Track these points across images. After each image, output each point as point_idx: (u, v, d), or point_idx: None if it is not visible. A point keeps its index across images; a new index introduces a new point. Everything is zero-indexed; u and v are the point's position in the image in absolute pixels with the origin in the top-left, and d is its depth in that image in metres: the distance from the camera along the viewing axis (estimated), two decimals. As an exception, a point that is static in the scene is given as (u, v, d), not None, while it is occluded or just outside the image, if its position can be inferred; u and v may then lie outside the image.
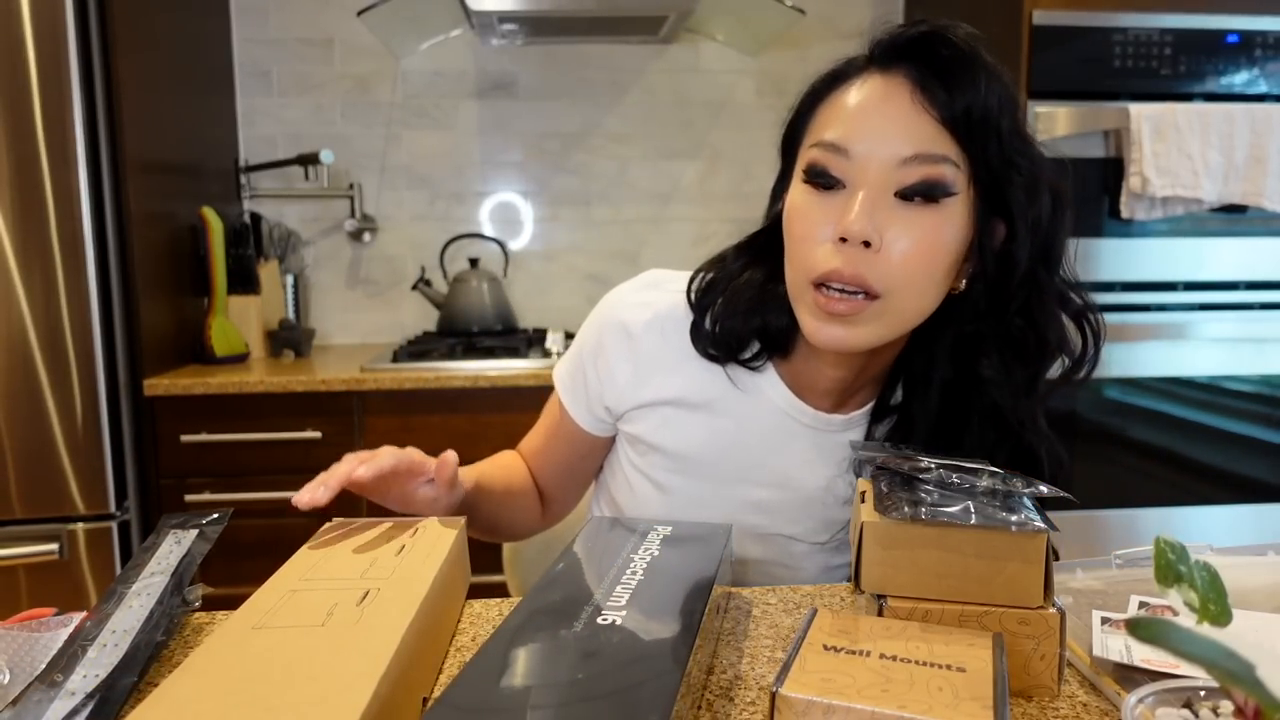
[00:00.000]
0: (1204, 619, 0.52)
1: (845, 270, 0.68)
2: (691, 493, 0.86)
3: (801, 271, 0.72)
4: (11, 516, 1.69)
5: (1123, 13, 1.90)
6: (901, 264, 0.68)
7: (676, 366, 0.84)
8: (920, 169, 0.67)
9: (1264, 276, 2.02)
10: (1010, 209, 0.71)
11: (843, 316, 0.69)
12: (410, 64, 2.40)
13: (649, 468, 0.88)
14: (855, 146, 0.69)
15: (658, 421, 0.85)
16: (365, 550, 0.66)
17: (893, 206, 0.68)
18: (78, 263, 1.66)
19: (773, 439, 0.84)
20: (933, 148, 0.67)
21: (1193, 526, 2.05)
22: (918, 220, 0.68)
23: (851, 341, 0.71)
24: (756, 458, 0.84)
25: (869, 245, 0.68)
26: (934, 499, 0.58)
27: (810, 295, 0.71)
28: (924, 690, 0.46)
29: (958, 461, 0.62)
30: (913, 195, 0.68)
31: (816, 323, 0.71)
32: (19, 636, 0.57)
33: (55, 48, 1.61)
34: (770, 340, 0.80)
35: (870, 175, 0.68)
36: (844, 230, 0.68)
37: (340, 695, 0.44)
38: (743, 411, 0.83)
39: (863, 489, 0.65)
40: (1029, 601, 0.55)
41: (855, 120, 0.69)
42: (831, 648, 0.51)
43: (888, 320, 0.71)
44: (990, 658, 0.50)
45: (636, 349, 0.84)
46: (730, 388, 0.83)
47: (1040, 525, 0.55)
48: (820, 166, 0.70)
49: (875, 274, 0.68)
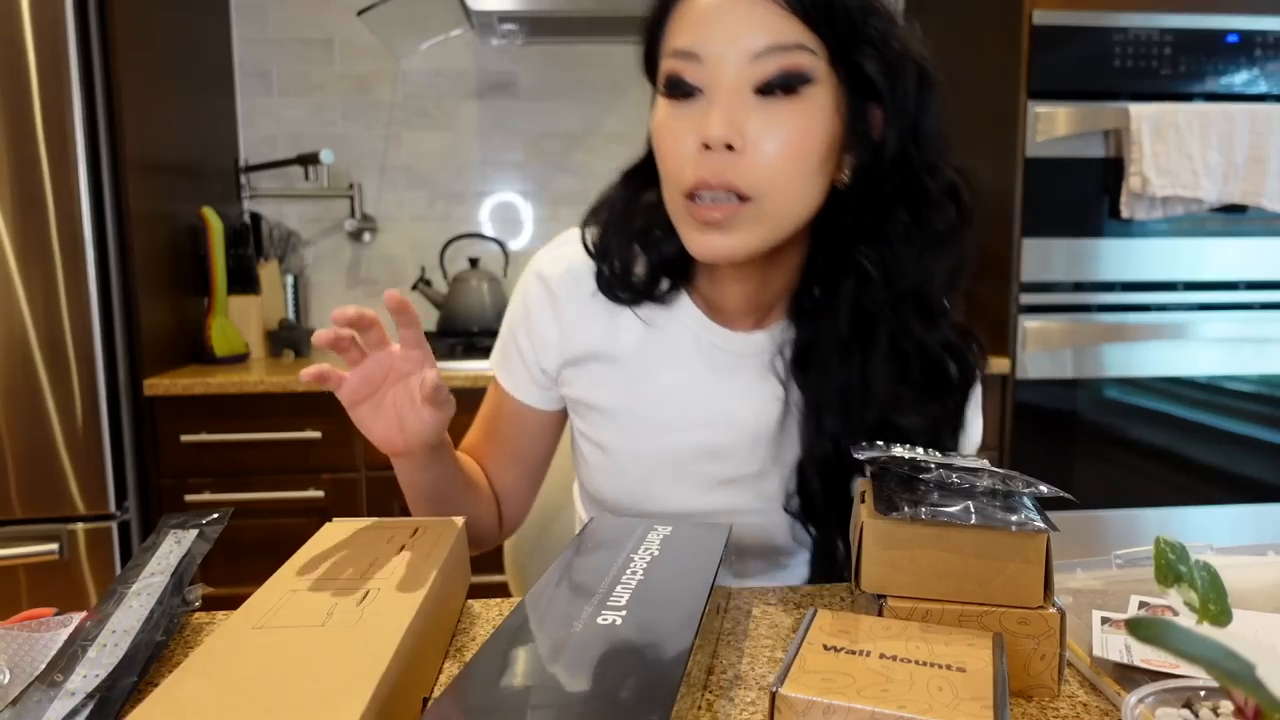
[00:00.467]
0: (1204, 619, 0.52)
1: (712, 178, 0.67)
2: (635, 449, 0.83)
3: (673, 187, 0.70)
4: (11, 516, 1.69)
5: (1123, 13, 1.90)
6: (769, 163, 0.67)
7: (596, 317, 0.82)
8: (775, 60, 0.66)
9: (1264, 276, 2.02)
10: (875, 89, 0.69)
11: (718, 225, 0.68)
12: (410, 64, 2.40)
13: (592, 430, 0.86)
14: (707, 49, 0.67)
15: (588, 380, 0.84)
16: (365, 550, 0.66)
17: (753, 104, 0.67)
18: (78, 263, 1.66)
19: (704, 375, 0.81)
20: (785, 37, 0.66)
21: (1193, 526, 2.05)
22: (780, 115, 0.67)
23: (731, 249, 0.69)
24: (694, 398, 0.81)
25: (732, 148, 0.66)
26: (934, 499, 0.58)
27: (685, 209, 0.70)
28: (924, 690, 0.46)
29: (957, 461, 0.62)
30: (772, 88, 0.66)
31: (694, 234, 0.70)
32: (19, 636, 0.57)
33: (55, 48, 1.61)
34: (669, 268, 0.79)
35: (726, 76, 0.67)
36: (704, 136, 0.66)
37: (340, 695, 0.44)
38: (668, 352, 0.81)
39: (863, 489, 0.64)
40: (1029, 601, 0.55)
41: (703, 23, 0.67)
42: (831, 648, 0.51)
43: (765, 223, 0.69)
44: (990, 658, 0.50)
45: (557, 304, 0.83)
46: (650, 330, 0.81)
47: (1040, 525, 0.55)
48: (675, 76, 0.69)
49: (743, 176, 0.67)
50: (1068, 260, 1.97)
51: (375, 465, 1.87)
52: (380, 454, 0.77)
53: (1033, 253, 1.97)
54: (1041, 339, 1.98)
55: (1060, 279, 1.98)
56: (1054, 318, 1.98)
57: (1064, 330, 1.99)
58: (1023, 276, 1.97)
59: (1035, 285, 1.98)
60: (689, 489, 0.84)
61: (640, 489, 0.84)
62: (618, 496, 0.86)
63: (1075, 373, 2.00)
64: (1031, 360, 1.98)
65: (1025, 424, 2.00)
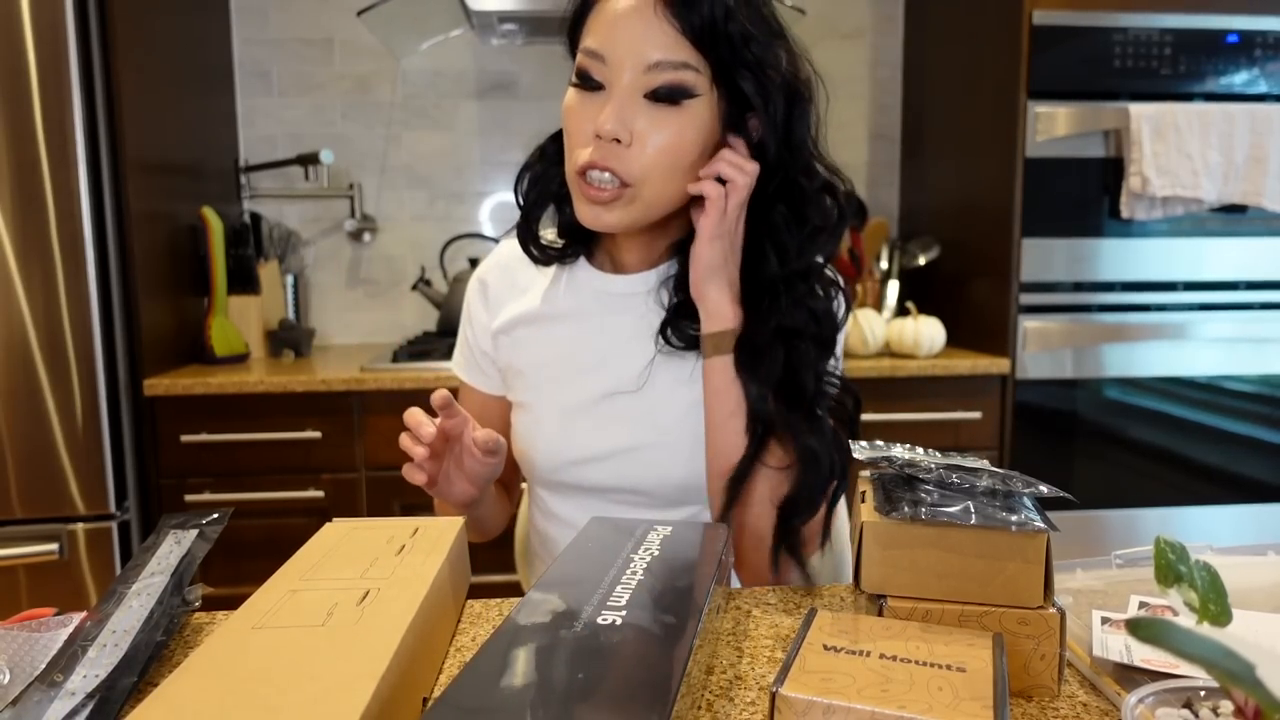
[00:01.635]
0: (1204, 619, 0.52)
1: (600, 162, 0.79)
2: (553, 399, 0.93)
3: (570, 163, 0.82)
4: (11, 516, 1.69)
5: (1123, 13, 1.90)
6: (650, 158, 0.79)
7: (519, 289, 0.96)
8: (664, 75, 0.78)
9: (1264, 276, 2.02)
10: (751, 104, 0.80)
11: (603, 202, 0.80)
12: (410, 64, 2.40)
13: (517, 394, 0.96)
14: (611, 53, 0.78)
15: (511, 345, 0.96)
16: (365, 550, 0.66)
17: (642, 107, 0.79)
18: (78, 263, 1.66)
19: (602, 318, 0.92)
20: (675, 55, 0.77)
21: (1192, 526, 2.05)
22: (664, 120, 0.79)
23: (611, 222, 0.81)
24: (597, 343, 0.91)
25: (619, 141, 0.78)
26: (934, 499, 0.58)
27: (577, 182, 0.81)
28: (924, 690, 0.46)
29: (958, 461, 0.62)
30: (659, 97, 0.78)
31: (584, 207, 0.82)
32: (19, 636, 0.58)
33: (55, 48, 1.61)
34: (574, 230, 0.90)
35: (623, 79, 0.78)
36: (598, 129, 0.78)
37: (340, 695, 0.44)
38: (573, 304, 0.93)
39: (863, 489, 0.65)
40: (1029, 602, 0.55)
41: (610, 30, 0.79)
42: (831, 648, 0.51)
43: (640, 205, 0.81)
44: (990, 658, 0.50)
45: (487, 291, 0.99)
46: (557, 289, 0.93)
47: (1040, 525, 0.55)
48: (584, 70, 0.80)
49: (625, 166, 0.79)
50: (1068, 260, 1.97)
51: (375, 465, 1.87)
52: (380, 454, 0.78)
53: (1033, 253, 1.97)
54: (1041, 339, 1.98)
55: (1060, 279, 1.98)
56: (1054, 318, 1.98)
57: (1064, 330, 1.99)
58: (1023, 276, 1.97)
59: (1035, 285, 1.98)
60: (605, 430, 0.91)
61: (562, 439, 0.92)
62: (545, 456, 0.93)
63: (1075, 373, 2.00)
64: (1031, 360, 1.98)
65: (1025, 424, 2.00)
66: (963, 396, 1.99)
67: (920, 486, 0.61)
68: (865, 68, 2.51)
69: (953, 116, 2.26)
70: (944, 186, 2.31)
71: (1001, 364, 1.97)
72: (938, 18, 2.34)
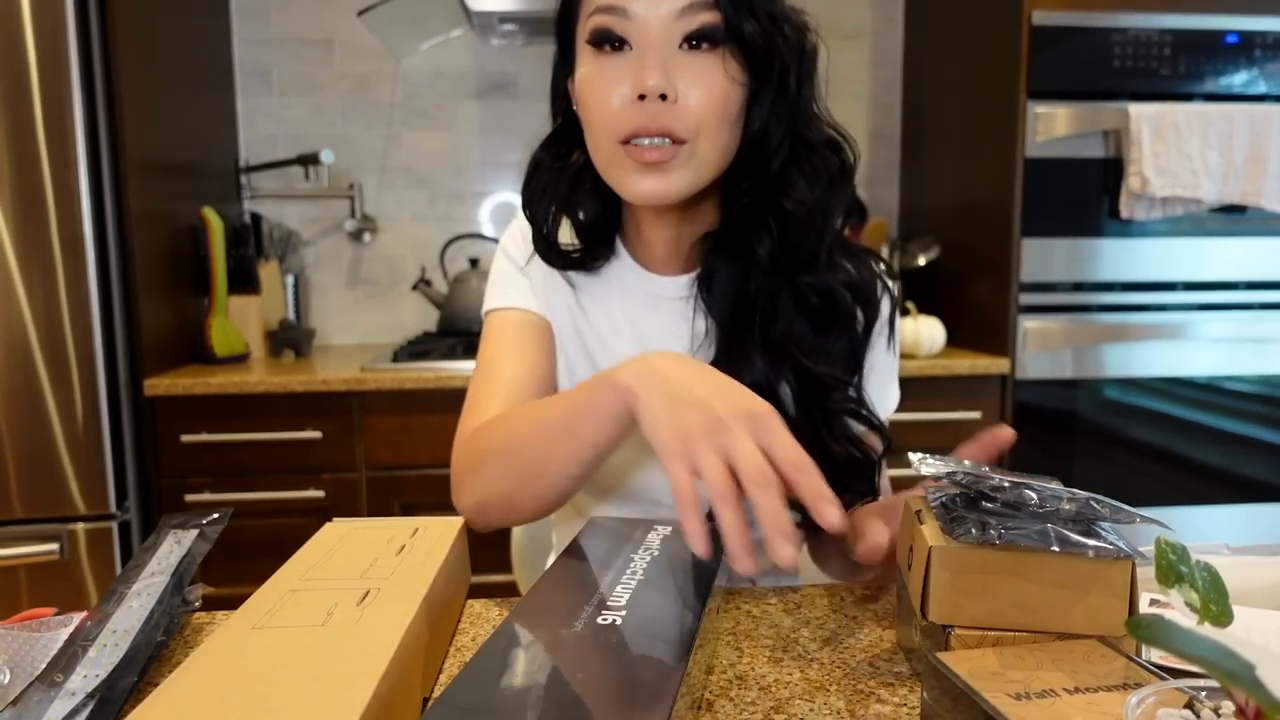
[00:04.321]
0: (1205, 619, 0.52)
1: (650, 124, 0.72)
2: None
3: (606, 135, 0.74)
4: (11, 516, 1.69)
5: (1123, 13, 1.90)
6: (698, 109, 0.72)
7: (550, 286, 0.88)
8: (698, 16, 0.72)
9: (1264, 276, 2.02)
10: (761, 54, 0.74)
11: (657, 165, 0.73)
12: (410, 64, 2.40)
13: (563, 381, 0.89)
14: (633, 5, 0.72)
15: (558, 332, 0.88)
16: (365, 550, 0.66)
17: (681, 57, 0.72)
18: (78, 263, 1.66)
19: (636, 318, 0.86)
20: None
21: (1192, 526, 2.05)
22: (704, 66, 0.73)
23: (669, 190, 0.74)
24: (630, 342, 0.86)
25: (665, 98, 0.71)
26: (1002, 520, 0.54)
27: (620, 154, 0.74)
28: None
29: (1030, 480, 0.57)
30: (699, 41, 0.72)
31: (634, 176, 0.74)
32: (19, 636, 0.57)
33: (55, 48, 1.61)
34: (594, 232, 0.85)
35: (654, 31, 0.72)
36: (641, 87, 0.71)
37: (340, 695, 0.44)
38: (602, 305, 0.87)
39: (917, 508, 0.60)
40: (1110, 634, 0.52)
41: None
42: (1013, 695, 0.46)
43: (696, 165, 0.74)
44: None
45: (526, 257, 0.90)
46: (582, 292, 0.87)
47: (1126, 550, 0.51)
48: (604, 28, 0.73)
49: (678, 122, 0.72)
50: (1067, 260, 1.97)
51: (375, 465, 1.87)
52: (380, 454, 0.77)
53: (1032, 253, 1.97)
54: (1041, 339, 1.98)
55: (1060, 279, 1.98)
56: (1054, 318, 1.98)
57: (1064, 330, 1.99)
58: (1023, 277, 1.97)
59: (1035, 285, 1.98)
60: None
61: None
62: None
63: (1075, 373, 2.00)
64: (1031, 360, 1.98)
65: (1025, 424, 2.00)
66: (962, 396, 1.99)
67: (984, 505, 0.56)
68: (865, 68, 2.51)
69: (953, 116, 2.26)
70: (944, 186, 2.31)
71: (1001, 364, 1.97)
72: (938, 18, 2.34)
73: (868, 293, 0.83)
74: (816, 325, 0.81)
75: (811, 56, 0.79)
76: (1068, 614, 0.52)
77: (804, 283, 0.80)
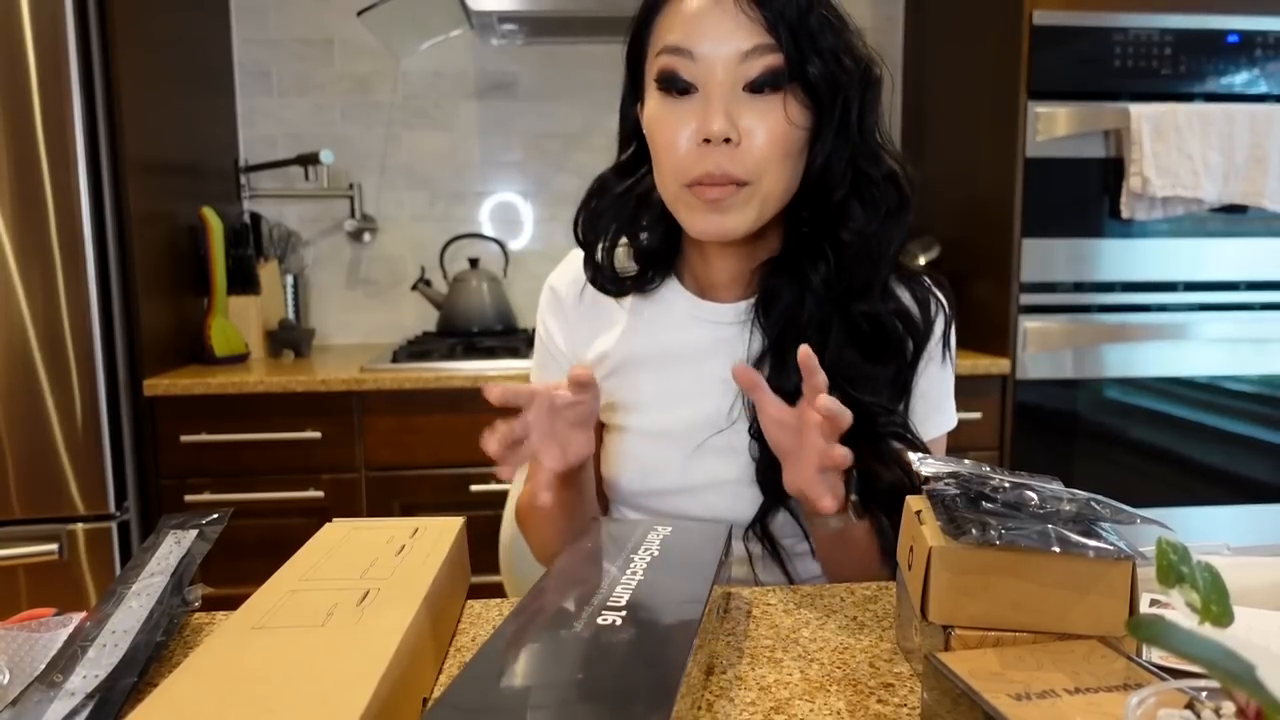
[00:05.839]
0: (1205, 620, 0.52)
1: (715, 171, 0.76)
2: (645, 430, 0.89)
3: (673, 177, 0.79)
4: (11, 516, 1.69)
5: (1123, 13, 1.90)
6: (760, 152, 0.76)
7: (607, 320, 0.92)
8: (761, 60, 0.75)
9: (1264, 276, 2.02)
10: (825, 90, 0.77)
11: (718, 203, 0.77)
12: (410, 64, 2.40)
13: (608, 416, 0.92)
14: (699, 48, 0.75)
15: (601, 378, 0.89)
16: (365, 550, 0.66)
17: (744, 100, 0.76)
18: (78, 263, 1.66)
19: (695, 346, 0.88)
20: (764, 39, 0.75)
21: (1193, 527, 2.05)
22: (766, 109, 0.76)
23: (730, 227, 0.78)
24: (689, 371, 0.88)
25: (729, 141, 0.75)
26: (1002, 520, 0.54)
27: (685, 195, 0.78)
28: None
29: (1030, 480, 0.58)
30: (761, 86, 0.76)
31: (696, 215, 0.79)
32: (19, 636, 0.57)
33: (55, 48, 1.61)
34: (655, 258, 0.89)
35: (718, 74, 0.75)
36: (706, 132, 0.75)
37: (340, 695, 0.44)
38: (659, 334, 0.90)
39: (917, 508, 0.60)
40: (1111, 634, 0.52)
41: (694, 24, 0.76)
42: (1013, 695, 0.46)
43: (757, 203, 0.78)
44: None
45: (563, 306, 0.94)
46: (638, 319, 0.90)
47: (1127, 551, 0.51)
48: (670, 70, 0.77)
49: (740, 166, 0.76)
50: (1068, 260, 1.97)
51: (375, 465, 1.87)
52: (380, 454, 0.78)
53: (1033, 253, 1.96)
54: (1041, 339, 1.98)
55: (1060, 279, 1.98)
56: (1054, 318, 1.98)
57: (1064, 330, 1.98)
58: (1023, 277, 1.97)
59: (1035, 285, 1.98)
60: (697, 462, 0.87)
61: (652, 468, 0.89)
62: (632, 482, 0.90)
63: (1075, 373, 2.00)
64: (1031, 360, 1.98)
65: (1025, 424, 2.00)
66: (963, 397, 1.97)
67: (985, 506, 0.56)
68: (865, 68, 2.51)
69: (953, 116, 2.26)
70: (944, 186, 2.31)
71: (1002, 364, 1.97)
72: (938, 18, 2.34)
73: (917, 321, 0.86)
74: (866, 352, 0.83)
75: (876, 87, 0.81)
76: (1068, 614, 0.52)
77: (857, 311, 0.83)
